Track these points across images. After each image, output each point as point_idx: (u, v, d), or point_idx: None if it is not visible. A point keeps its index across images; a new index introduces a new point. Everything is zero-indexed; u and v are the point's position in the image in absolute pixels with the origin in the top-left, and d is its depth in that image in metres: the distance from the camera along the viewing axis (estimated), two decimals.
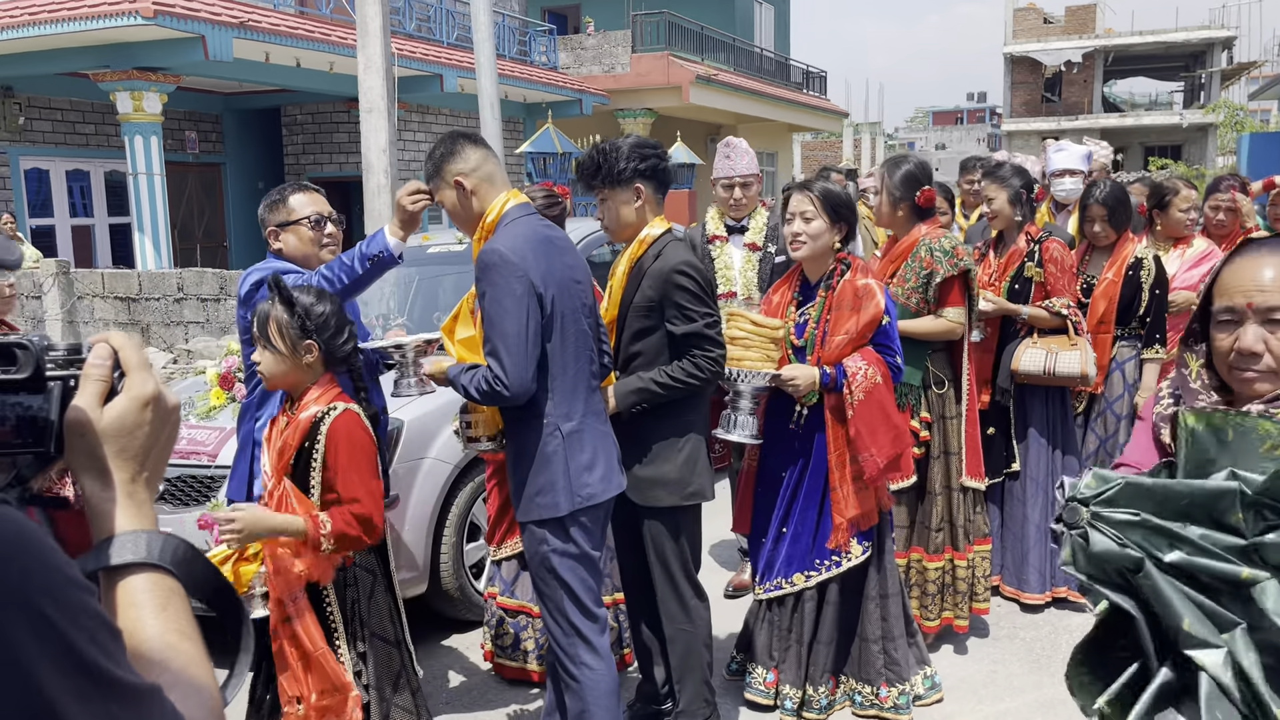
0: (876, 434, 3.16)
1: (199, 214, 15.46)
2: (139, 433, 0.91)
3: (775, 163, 25.64)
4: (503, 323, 2.64)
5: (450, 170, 2.79)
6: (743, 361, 3.16)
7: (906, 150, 66.45)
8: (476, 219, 2.79)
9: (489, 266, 2.66)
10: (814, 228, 3.23)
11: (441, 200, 2.83)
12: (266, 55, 12.04)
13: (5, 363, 0.87)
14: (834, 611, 3.34)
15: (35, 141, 13.15)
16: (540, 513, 2.79)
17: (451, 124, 16.74)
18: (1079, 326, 4.19)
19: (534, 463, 2.78)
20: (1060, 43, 37.38)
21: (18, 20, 10.81)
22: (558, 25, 20.59)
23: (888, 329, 3.24)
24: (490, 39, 8.73)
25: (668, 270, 3.01)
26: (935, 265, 3.75)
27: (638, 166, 3.03)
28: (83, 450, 0.89)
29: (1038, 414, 4.35)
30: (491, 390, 2.67)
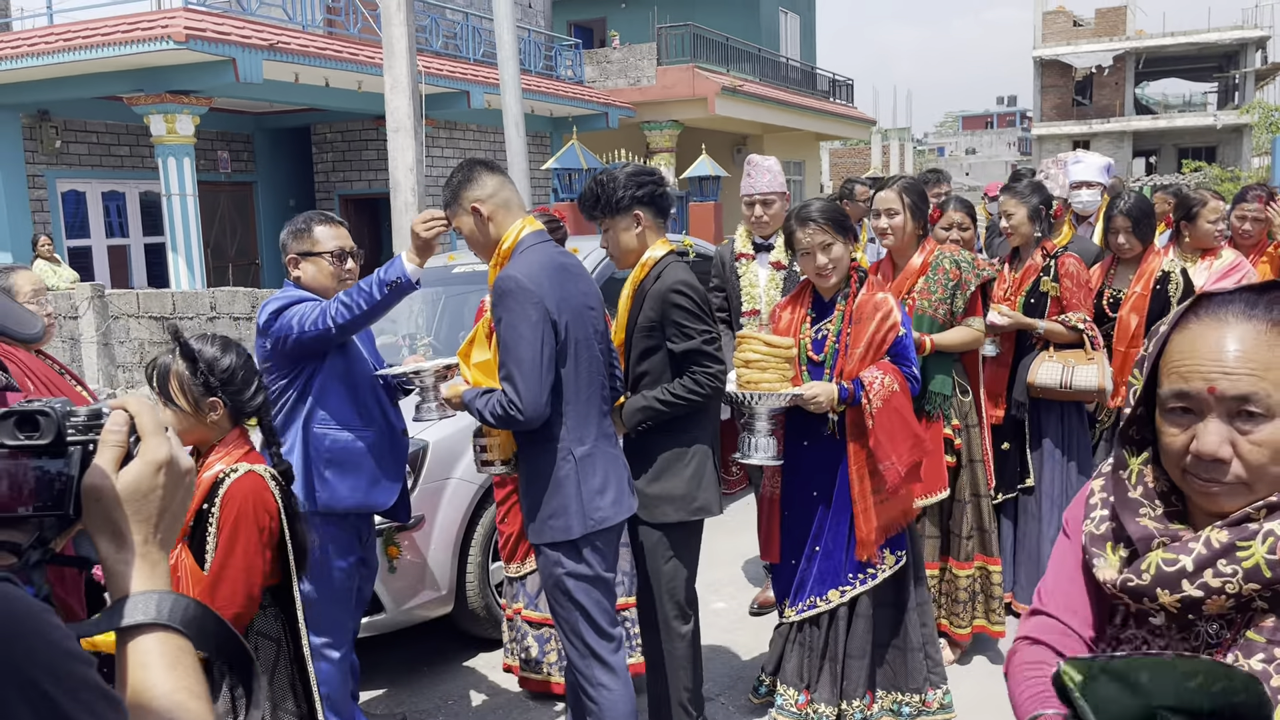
0: (896, 441, 3.16)
1: (231, 232, 15.67)
2: (153, 496, 0.95)
3: (803, 171, 25.60)
4: (518, 348, 2.69)
5: (467, 197, 2.85)
6: (759, 384, 3.18)
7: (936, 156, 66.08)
8: (493, 245, 2.85)
9: (505, 293, 2.72)
10: (835, 253, 3.25)
11: (459, 226, 2.87)
12: (296, 76, 12.21)
13: (29, 429, 0.91)
14: (865, 624, 3.32)
15: (72, 164, 13.40)
16: (553, 535, 2.84)
17: (479, 140, 16.87)
18: (1095, 341, 4.18)
19: (547, 486, 2.83)
20: (1090, 45, 37.06)
21: (53, 46, 11.04)
22: (583, 39, 20.70)
23: (904, 341, 3.25)
24: (514, 58, 8.81)
25: (665, 290, 3.05)
26: (964, 275, 3.81)
27: (635, 194, 3.08)
28: (99, 514, 0.92)
29: (1053, 429, 4.34)
30: (506, 415, 2.72)
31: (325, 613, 3.14)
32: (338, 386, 3.13)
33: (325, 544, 3.12)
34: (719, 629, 4.52)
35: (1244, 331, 1.14)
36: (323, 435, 3.13)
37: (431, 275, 6.21)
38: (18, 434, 0.91)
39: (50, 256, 11.40)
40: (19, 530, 0.93)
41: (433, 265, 6.32)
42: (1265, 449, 1.13)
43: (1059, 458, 4.33)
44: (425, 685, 4.20)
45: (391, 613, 4.08)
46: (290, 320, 3.05)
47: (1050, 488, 4.32)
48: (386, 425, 3.25)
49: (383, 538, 3.96)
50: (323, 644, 3.17)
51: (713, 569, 5.05)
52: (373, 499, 3.22)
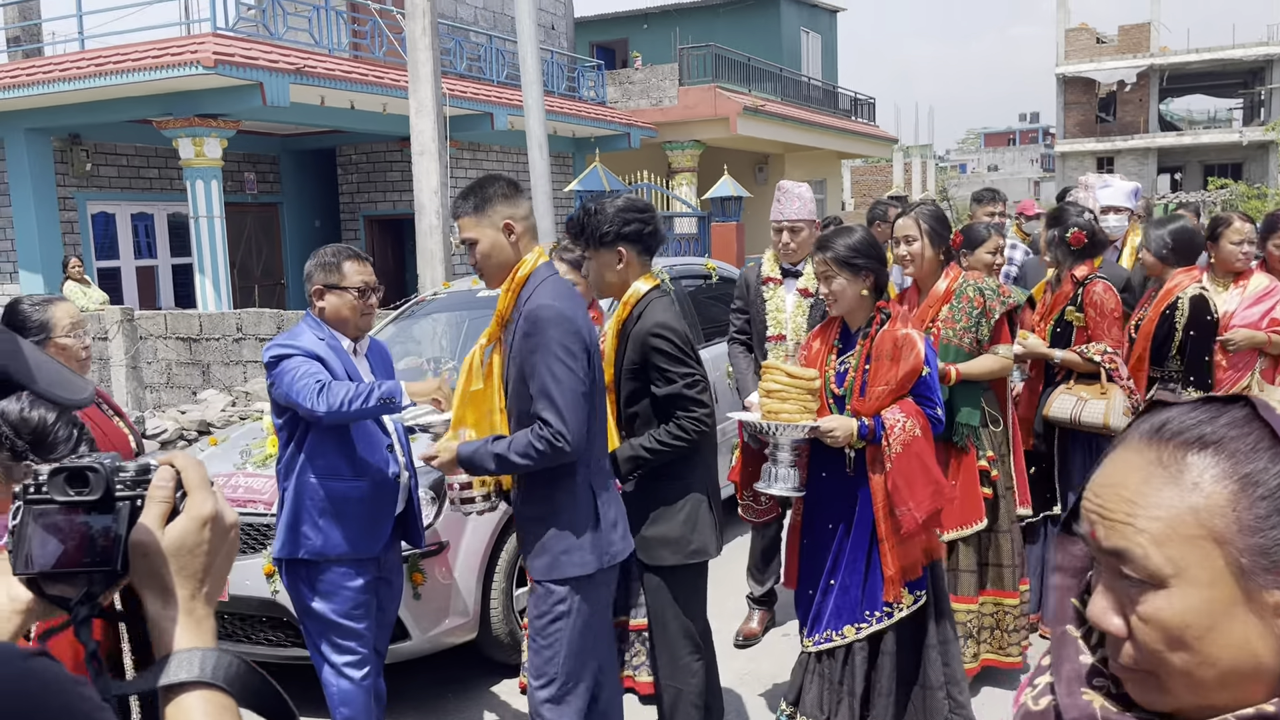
0: (914, 487, 3.13)
1: (257, 253, 15.83)
2: (199, 551, 0.96)
3: (824, 190, 25.59)
4: (562, 378, 2.68)
5: (503, 212, 2.82)
6: (780, 414, 3.17)
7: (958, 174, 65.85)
8: (509, 268, 2.82)
9: (545, 321, 2.69)
10: (835, 286, 3.23)
11: (478, 237, 2.80)
12: (322, 99, 12.35)
13: (78, 484, 0.93)
14: (890, 662, 3.28)
15: (102, 186, 13.59)
16: (570, 570, 2.80)
17: (502, 160, 16.98)
18: (1114, 374, 4.12)
19: (565, 520, 2.80)
20: (1114, 62, 36.93)
21: (85, 71, 11.22)
22: (605, 60, 20.83)
23: (928, 380, 3.21)
24: (538, 82, 8.87)
25: (644, 334, 3.05)
26: (989, 303, 3.78)
27: (620, 230, 3.08)
28: (146, 570, 0.94)
29: (1077, 459, 4.29)
30: (552, 447, 2.67)
31: (340, 630, 3.18)
32: (333, 438, 3.16)
33: (327, 574, 3.18)
34: None
35: (1136, 462, 0.82)
36: (316, 486, 3.17)
37: (455, 300, 6.27)
38: (68, 490, 0.93)
39: (80, 278, 11.56)
40: (69, 585, 0.95)
41: (457, 289, 6.37)
42: (1154, 629, 0.80)
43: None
44: (450, 711, 4.20)
45: (417, 639, 4.09)
46: (283, 375, 3.07)
47: None
48: (380, 475, 3.26)
49: (408, 564, 3.98)
50: (344, 663, 3.20)
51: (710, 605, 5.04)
52: (361, 549, 3.22)
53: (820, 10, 25.70)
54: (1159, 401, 0.86)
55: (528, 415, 2.74)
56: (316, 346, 3.15)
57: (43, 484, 0.94)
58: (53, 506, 0.92)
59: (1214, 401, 0.82)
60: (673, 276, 6.21)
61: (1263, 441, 0.78)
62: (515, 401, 2.82)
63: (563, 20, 19.76)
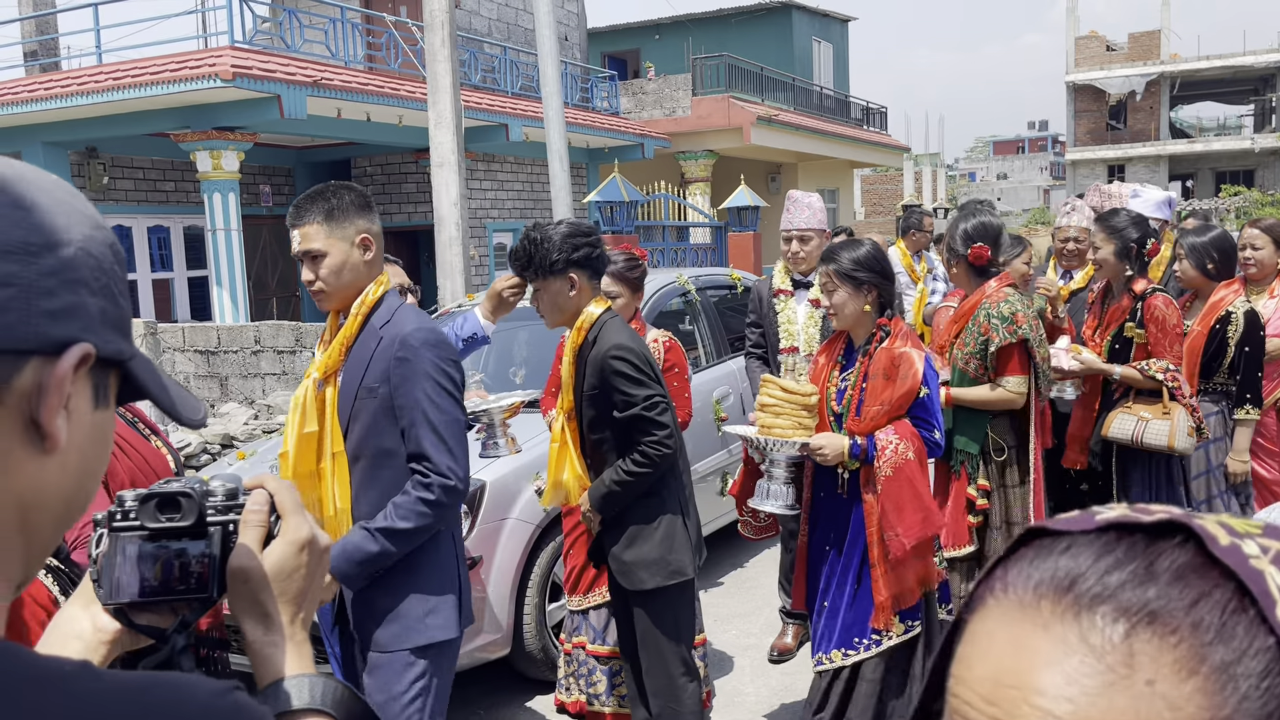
0: (903, 513, 3.02)
1: (273, 265, 15.85)
2: (297, 575, 0.95)
3: (836, 199, 25.58)
4: (446, 407, 2.46)
5: (359, 225, 2.56)
6: (773, 429, 3.12)
7: (968, 182, 65.72)
8: (356, 290, 2.54)
9: (422, 344, 2.46)
10: (836, 300, 3.15)
11: (327, 250, 2.49)
12: (338, 111, 12.37)
13: (171, 510, 0.91)
14: (869, 690, 3.15)
15: (119, 200, 13.63)
16: (436, 634, 2.53)
17: (516, 172, 17.00)
18: (1177, 392, 3.91)
19: (427, 578, 2.53)
20: (1124, 70, 36.88)
21: (102, 85, 11.26)
22: (618, 70, 20.85)
23: (926, 402, 3.09)
24: (558, 94, 8.88)
25: (601, 357, 3.01)
26: (991, 333, 3.59)
27: (570, 256, 3.00)
28: (246, 596, 0.92)
29: (1137, 480, 4.13)
30: (446, 491, 2.41)
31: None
32: None
33: None
34: (748, 676, 4.46)
35: (1043, 644, 0.51)
36: None
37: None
38: (159, 516, 0.91)
39: None
40: (157, 613, 0.93)
41: (480, 302, 6.36)
42: None
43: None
44: None
45: None
46: None
47: None
48: None
49: None
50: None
51: (744, 619, 5.01)
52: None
53: (832, 20, 25.72)
54: (1040, 530, 0.56)
55: (388, 454, 2.43)
56: None
57: (130, 511, 0.91)
58: (142, 534, 0.90)
59: (1132, 534, 0.53)
60: (698, 287, 6.19)
61: (1230, 603, 0.49)
62: (368, 441, 2.45)
63: (576, 31, 19.80)
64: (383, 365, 2.42)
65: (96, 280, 0.73)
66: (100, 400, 0.74)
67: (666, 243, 12.62)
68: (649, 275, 6.25)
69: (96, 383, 0.73)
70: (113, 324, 0.74)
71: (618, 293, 3.86)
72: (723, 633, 4.97)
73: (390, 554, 2.36)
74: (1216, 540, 0.51)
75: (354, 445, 2.47)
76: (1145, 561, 0.52)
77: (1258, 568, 0.50)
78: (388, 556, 2.37)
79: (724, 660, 4.68)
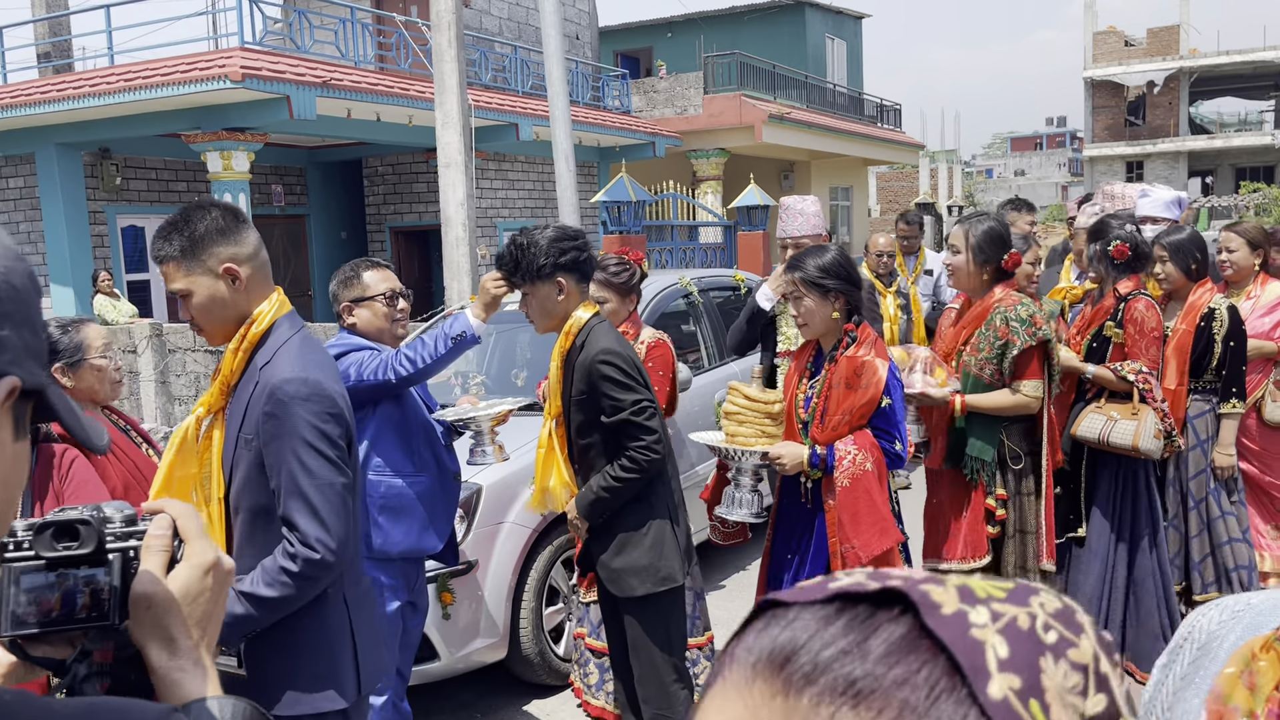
0: (859, 525, 2.98)
1: (285, 264, 15.91)
2: (202, 599, 0.95)
3: (850, 197, 25.48)
4: (317, 471, 2.20)
5: (221, 254, 2.25)
6: (736, 438, 3.10)
7: (985, 178, 65.36)
8: (237, 323, 2.27)
9: (292, 399, 2.19)
10: (804, 308, 3.12)
11: (190, 289, 2.23)
12: (348, 111, 12.40)
13: (68, 538, 0.90)
14: None
15: (131, 200, 13.70)
16: (323, 706, 2.31)
17: (527, 171, 17.00)
18: (1147, 395, 3.94)
19: (311, 645, 2.32)
20: (1143, 65, 36.60)
21: (114, 86, 11.31)
22: (631, 69, 20.83)
23: (888, 412, 3.04)
24: (564, 94, 8.85)
25: (590, 362, 2.99)
26: (1012, 336, 3.54)
27: (557, 261, 2.99)
28: (150, 621, 0.91)
29: (1105, 481, 4.12)
30: (311, 564, 2.15)
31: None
32: (392, 433, 3.13)
33: (376, 588, 3.11)
34: None
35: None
36: (377, 482, 3.13)
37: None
38: (55, 545, 0.89)
39: (110, 291, 11.64)
40: (55, 645, 0.92)
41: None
42: None
43: (1110, 510, 4.10)
44: None
45: (446, 660, 4.04)
46: (347, 368, 3.04)
47: (1095, 541, 4.10)
48: (439, 470, 3.24)
49: (436, 584, 3.94)
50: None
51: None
52: (424, 543, 3.22)
53: (845, 17, 25.60)
54: (774, 601, 0.53)
55: (265, 512, 2.23)
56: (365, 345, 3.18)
57: (23, 541, 0.90)
58: (38, 563, 0.88)
59: (854, 604, 0.50)
60: (700, 289, 6.17)
61: (940, 682, 0.46)
62: (245, 494, 2.24)
63: (587, 30, 19.78)
64: (256, 415, 2.18)
65: (19, 312, 0.72)
66: (20, 431, 0.74)
67: (675, 242, 12.59)
68: (650, 276, 6.26)
69: (17, 415, 0.73)
70: (34, 355, 0.74)
71: (604, 298, 3.85)
72: (723, 637, 4.94)
73: (257, 619, 2.13)
74: (938, 609, 0.48)
75: (234, 496, 2.25)
76: (861, 635, 0.48)
77: (978, 638, 0.47)
78: (255, 621, 2.14)
79: None
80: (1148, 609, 4.11)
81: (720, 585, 5.71)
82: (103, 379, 3.12)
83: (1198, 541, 4.44)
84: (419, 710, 4.20)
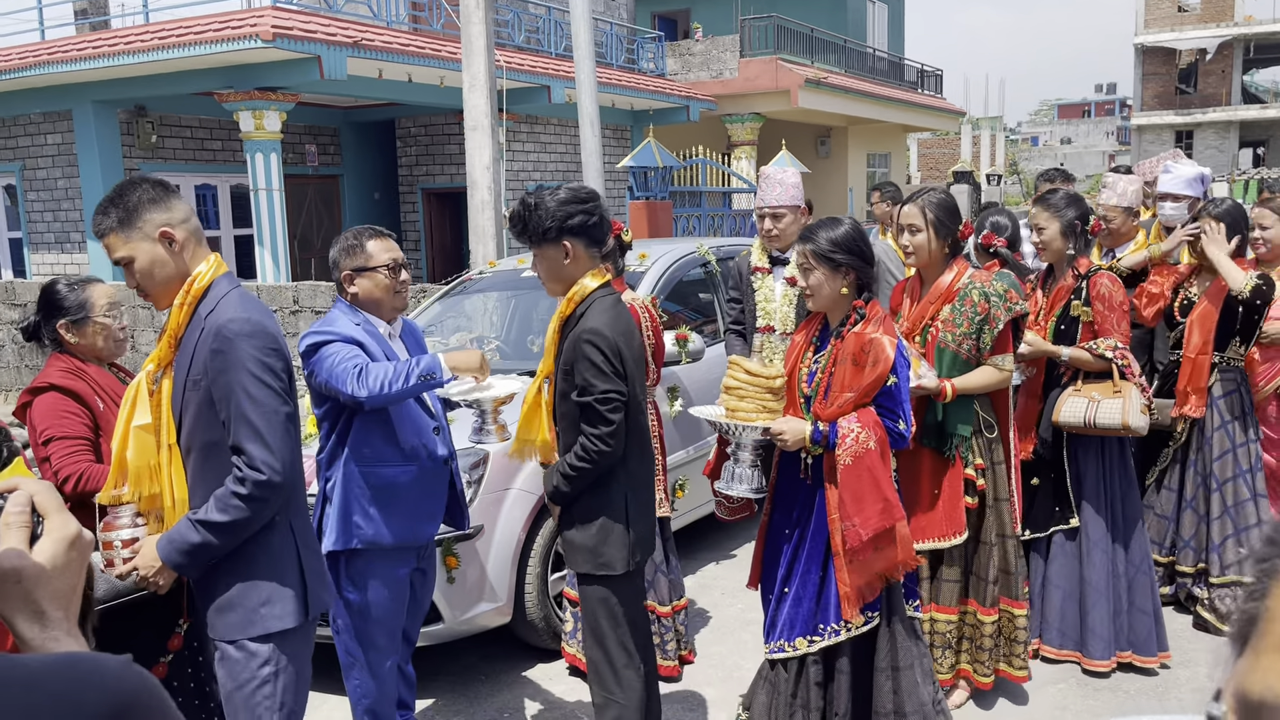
0: (862, 504, 2.96)
1: (317, 224, 16.01)
2: (68, 572, 0.97)
3: (888, 164, 25.13)
4: (262, 399, 2.44)
5: (155, 220, 2.48)
6: (736, 412, 3.06)
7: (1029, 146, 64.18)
8: (178, 282, 2.50)
9: (238, 336, 2.41)
10: (813, 281, 3.08)
11: (132, 255, 2.47)
12: (380, 72, 12.38)
13: None
14: (847, 681, 3.12)
15: (167, 158, 13.82)
16: (272, 625, 2.49)
17: (559, 134, 16.92)
18: (1127, 370, 3.87)
19: (262, 570, 2.50)
20: (1195, 31, 35.66)
21: (149, 45, 11.37)
22: (666, 31, 20.61)
23: (893, 390, 2.99)
24: (590, 58, 8.78)
25: (576, 337, 2.97)
26: (993, 311, 3.52)
27: (564, 224, 2.96)
28: (18, 596, 0.93)
29: (1091, 466, 4.05)
30: (259, 486, 2.37)
31: (374, 624, 3.16)
32: (379, 423, 3.10)
33: (373, 567, 3.13)
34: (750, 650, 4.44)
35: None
36: (367, 473, 3.11)
37: (502, 279, 6.25)
38: None
39: None
40: None
41: (503, 269, 6.35)
42: None
43: (1101, 496, 4.04)
44: (484, 695, 4.21)
45: (450, 622, 4.09)
46: (321, 362, 3.01)
47: (1092, 530, 4.03)
48: (428, 457, 3.22)
49: (442, 548, 3.99)
50: (372, 656, 3.18)
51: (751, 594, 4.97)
52: (417, 533, 3.21)
53: None
54: None
55: (215, 446, 2.41)
56: (353, 332, 3.09)
57: None
58: None
59: None
60: (719, 258, 6.13)
61: None
62: (196, 433, 2.44)
63: None
64: (204, 357, 2.39)
65: None
66: None
67: (704, 209, 12.49)
68: (668, 244, 6.22)
69: None
70: None
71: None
72: (728, 606, 4.96)
73: (213, 545, 2.35)
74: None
75: (185, 438, 2.45)
76: None
77: None
78: (212, 548, 2.35)
79: (726, 634, 4.68)
80: (1143, 590, 4.06)
81: (731, 554, 5.73)
82: (107, 337, 3.16)
83: (1218, 524, 4.38)
84: (424, 671, 4.27)
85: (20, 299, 10.90)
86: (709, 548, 5.82)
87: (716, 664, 4.37)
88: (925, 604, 3.62)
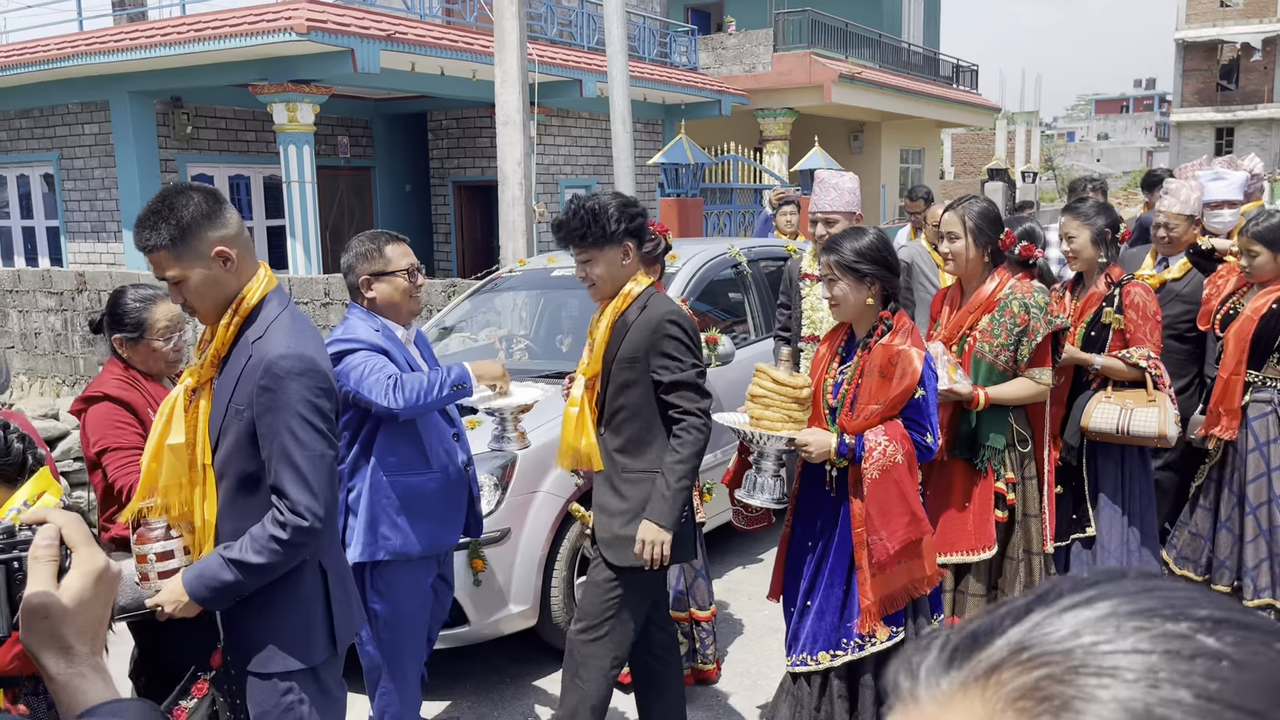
0: (889, 517, 2.92)
1: (349, 216, 16.08)
2: (94, 605, 0.96)
3: (922, 160, 24.91)
4: (309, 442, 2.38)
5: (211, 237, 2.31)
6: (761, 421, 3.03)
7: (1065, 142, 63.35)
8: (230, 300, 2.34)
9: (288, 374, 2.31)
10: (838, 291, 3.04)
11: (185, 275, 2.30)
12: (413, 65, 12.41)
13: None
14: (871, 696, 3.08)
15: (201, 149, 13.93)
16: (293, 664, 2.44)
17: (590, 128, 16.89)
18: (1160, 380, 3.81)
19: (283, 607, 2.44)
20: (1238, 26, 35.08)
21: (185, 36, 11.46)
22: (700, 24, 20.52)
23: (921, 404, 2.96)
24: (623, 53, 8.74)
25: (656, 320, 3.02)
26: (1032, 323, 3.47)
27: (628, 226, 3.04)
28: (45, 631, 0.93)
29: (1110, 475, 3.99)
30: (300, 531, 2.28)
31: (399, 632, 3.16)
32: (402, 433, 3.10)
33: (400, 577, 3.13)
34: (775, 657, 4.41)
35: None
36: (394, 482, 3.10)
37: (532, 278, 6.24)
38: None
39: None
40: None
41: (533, 267, 6.33)
42: None
43: (1117, 508, 3.98)
44: (508, 699, 4.21)
45: (476, 625, 4.09)
46: (350, 371, 2.99)
47: (1107, 540, 3.98)
48: (452, 464, 3.22)
49: (468, 551, 3.98)
50: (394, 664, 3.18)
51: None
52: (441, 540, 3.22)
53: None
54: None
55: (252, 480, 2.32)
56: (375, 339, 3.08)
57: None
58: None
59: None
60: (750, 259, 6.08)
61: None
62: (232, 461, 2.33)
63: None
64: (249, 388, 2.27)
65: None
66: None
67: (734, 206, 12.42)
68: (700, 244, 6.18)
69: None
70: None
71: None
72: (755, 612, 4.93)
73: (244, 584, 2.26)
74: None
75: (219, 463, 2.34)
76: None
77: None
78: (242, 587, 2.27)
79: (753, 640, 4.65)
80: None
81: (758, 559, 5.69)
82: (158, 359, 3.16)
83: (1253, 546, 4.29)
84: (448, 674, 4.28)
85: (58, 287, 11.02)
86: (736, 551, 5.79)
87: (742, 672, 4.35)
88: (948, 616, 3.58)
